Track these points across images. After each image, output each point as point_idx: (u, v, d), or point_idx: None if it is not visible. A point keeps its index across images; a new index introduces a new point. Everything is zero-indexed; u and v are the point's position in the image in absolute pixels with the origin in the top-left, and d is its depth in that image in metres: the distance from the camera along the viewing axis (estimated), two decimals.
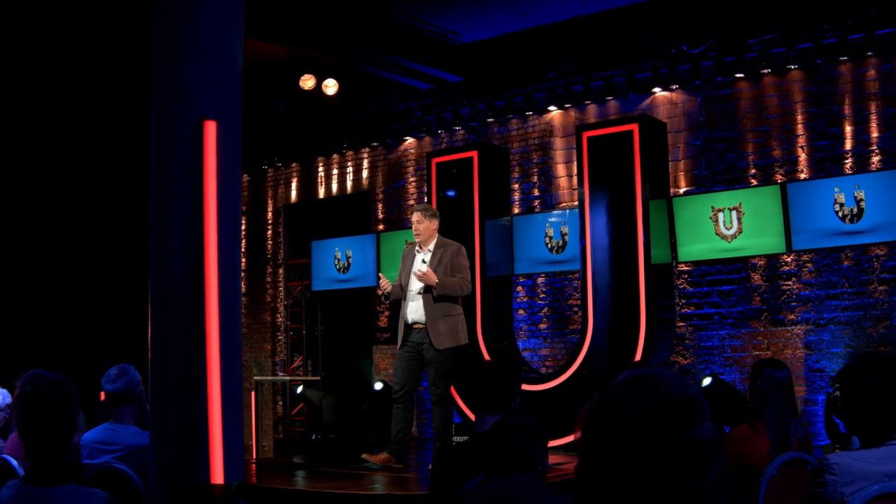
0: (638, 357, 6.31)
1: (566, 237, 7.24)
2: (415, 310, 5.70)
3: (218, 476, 2.11)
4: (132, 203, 7.82)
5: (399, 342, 5.79)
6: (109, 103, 7.90)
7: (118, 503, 3.15)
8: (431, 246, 5.79)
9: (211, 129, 2.14)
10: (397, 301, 5.82)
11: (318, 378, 8.27)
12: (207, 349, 2.11)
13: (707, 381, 6.27)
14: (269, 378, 7.85)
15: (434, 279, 5.57)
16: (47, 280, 8.67)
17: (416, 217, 5.81)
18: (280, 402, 9.09)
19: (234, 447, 2.17)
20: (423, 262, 5.76)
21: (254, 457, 7.73)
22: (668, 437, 1.33)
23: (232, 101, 2.23)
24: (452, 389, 6.60)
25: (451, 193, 7.69)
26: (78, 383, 5.82)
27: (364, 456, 5.84)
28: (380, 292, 5.77)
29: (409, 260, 5.83)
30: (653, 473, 1.32)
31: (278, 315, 9.56)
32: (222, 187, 2.15)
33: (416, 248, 5.84)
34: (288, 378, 7.25)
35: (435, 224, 5.82)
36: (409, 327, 5.74)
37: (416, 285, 5.69)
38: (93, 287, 8.45)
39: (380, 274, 5.87)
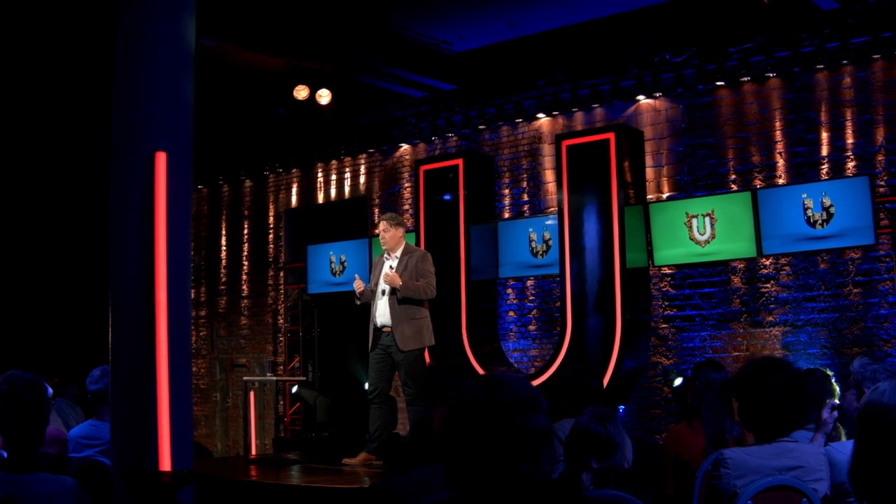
0: (614, 357, 6.53)
1: (549, 242, 7.47)
2: (382, 313, 5.99)
3: (166, 464, 2.38)
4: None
5: (370, 345, 6.07)
6: (86, 134, 8.32)
7: (99, 493, 3.44)
8: (398, 253, 6.08)
9: (161, 158, 2.44)
10: (368, 304, 6.12)
11: (305, 378, 8.55)
12: (157, 353, 2.39)
13: (678, 381, 6.47)
14: (259, 378, 8.15)
15: (398, 282, 5.87)
16: (52, 292, 9.29)
17: (382, 226, 6.10)
18: (281, 402, 9.39)
19: (183, 440, 2.45)
20: (391, 268, 6.04)
21: (253, 454, 8.03)
22: (507, 424, 1.57)
23: (182, 134, 2.52)
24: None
25: (439, 199, 7.93)
26: (81, 383, 6.12)
27: (344, 461, 6.12)
28: (358, 293, 6.08)
29: (378, 267, 6.14)
30: (493, 453, 1.57)
31: (279, 317, 9.87)
32: (172, 209, 2.43)
33: (385, 255, 6.12)
34: (275, 378, 7.54)
35: (401, 232, 6.13)
36: (378, 330, 6.04)
37: (383, 290, 5.98)
38: (92, 297, 8.93)
39: (356, 275, 6.18)
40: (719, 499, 2.56)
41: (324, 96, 7.91)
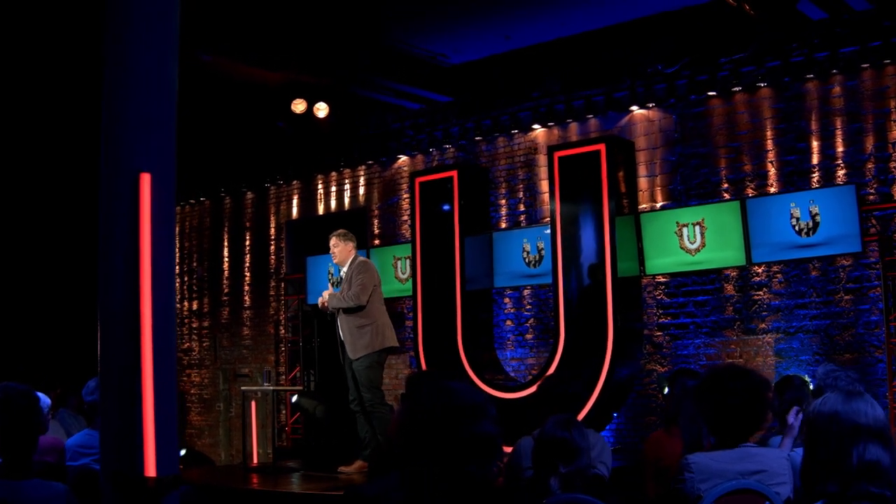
0: (606, 364, 6.61)
1: (542, 252, 7.57)
2: (339, 326, 6.37)
3: (151, 470, 2.50)
4: None
5: (341, 357, 6.42)
6: (81, 157, 8.57)
7: (94, 500, 3.56)
8: (346, 267, 6.47)
9: (146, 179, 2.59)
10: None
11: (303, 387, 8.66)
12: (142, 362, 2.52)
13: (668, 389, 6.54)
14: (257, 388, 8.28)
15: (322, 300, 6.34)
16: (54, 306, 9.56)
17: (332, 242, 6.51)
18: (283, 412, 9.51)
19: (168, 446, 2.57)
20: (342, 280, 6.48)
21: (254, 462, 8.15)
22: (457, 429, 1.69)
23: (166, 156, 2.67)
24: None
25: (435, 210, 8.04)
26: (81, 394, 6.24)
27: (340, 468, 6.27)
28: (324, 308, 6.39)
29: None
30: (444, 456, 1.68)
31: (281, 328, 9.99)
32: (156, 226, 2.57)
33: (341, 270, 6.53)
34: (272, 388, 7.69)
35: (350, 246, 6.51)
36: (342, 343, 6.38)
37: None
38: (92, 311, 9.15)
39: (327, 289, 6.52)
40: (684, 502, 2.64)
41: (321, 109, 8.04)
